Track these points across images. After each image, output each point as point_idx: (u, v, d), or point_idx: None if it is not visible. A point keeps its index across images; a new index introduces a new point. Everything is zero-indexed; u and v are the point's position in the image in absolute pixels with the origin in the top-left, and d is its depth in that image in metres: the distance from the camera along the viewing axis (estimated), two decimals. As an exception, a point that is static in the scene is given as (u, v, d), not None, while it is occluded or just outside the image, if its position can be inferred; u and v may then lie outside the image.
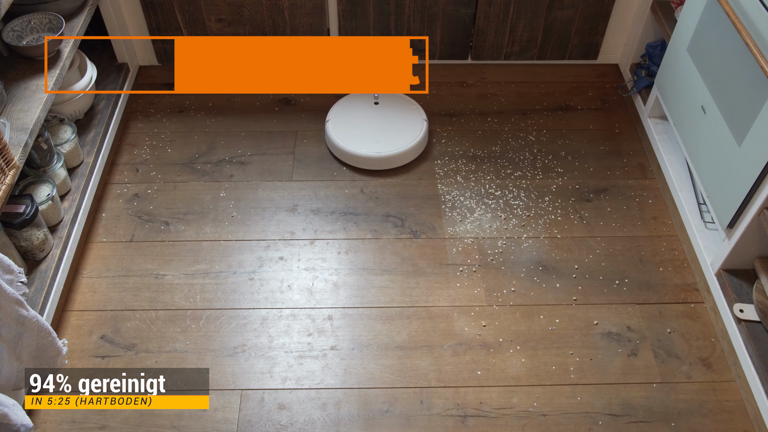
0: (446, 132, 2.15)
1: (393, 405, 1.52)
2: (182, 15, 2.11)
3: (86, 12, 1.87)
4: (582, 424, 1.49)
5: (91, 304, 1.69)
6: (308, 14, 2.11)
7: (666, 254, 1.82)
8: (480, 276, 1.76)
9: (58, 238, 1.70)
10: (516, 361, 1.59)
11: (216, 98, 2.25)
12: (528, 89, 2.29)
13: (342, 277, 1.76)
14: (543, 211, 1.91)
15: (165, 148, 2.08)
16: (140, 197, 1.94)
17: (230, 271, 1.77)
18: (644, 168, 2.04)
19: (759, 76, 1.41)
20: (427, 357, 1.60)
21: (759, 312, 1.52)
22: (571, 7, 2.12)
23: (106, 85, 2.12)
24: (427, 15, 2.12)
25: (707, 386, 1.55)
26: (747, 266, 1.62)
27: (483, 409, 1.51)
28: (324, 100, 2.24)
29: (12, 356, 1.34)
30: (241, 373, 1.57)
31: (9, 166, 1.41)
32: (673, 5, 1.98)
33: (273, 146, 2.10)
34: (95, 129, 1.99)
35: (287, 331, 1.65)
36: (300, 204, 1.93)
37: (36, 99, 1.59)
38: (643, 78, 2.12)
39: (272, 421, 1.49)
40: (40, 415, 1.49)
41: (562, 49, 2.25)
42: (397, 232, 1.86)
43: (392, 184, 1.98)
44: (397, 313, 1.68)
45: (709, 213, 1.78)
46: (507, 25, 2.16)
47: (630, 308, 1.70)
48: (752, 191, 1.45)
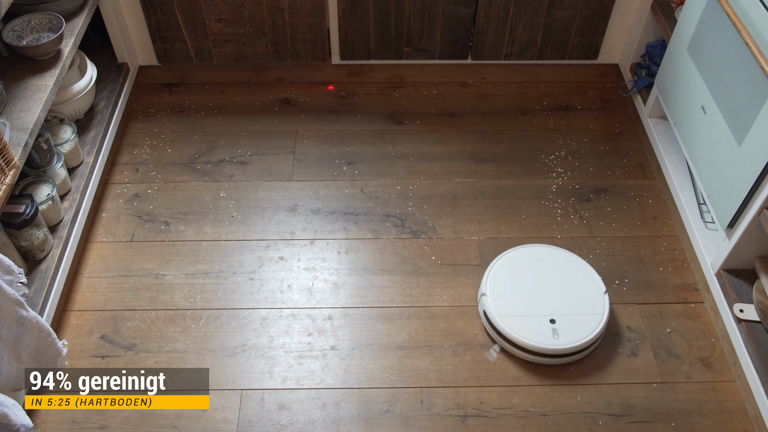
0: (446, 132, 2.15)
1: (393, 405, 1.52)
2: (182, 15, 2.11)
3: (86, 12, 1.87)
4: (582, 424, 1.49)
5: (91, 304, 1.69)
6: (308, 14, 2.11)
7: (666, 254, 1.82)
8: (480, 276, 1.76)
9: (58, 238, 1.69)
10: (516, 360, 1.59)
11: (216, 98, 2.25)
12: (528, 89, 2.29)
13: (342, 277, 1.76)
14: (543, 211, 1.91)
15: (165, 148, 2.08)
16: (140, 197, 1.94)
17: (230, 271, 1.77)
18: (644, 168, 2.04)
19: (759, 76, 1.41)
20: (427, 357, 1.60)
21: (759, 312, 1.52)
22: (571, 7, 2.12)
23: (106, 85, 2.12)
24: (427, 15, 2.12)
25: (707, 386, 1.55)
26: (747, 266, 1.62)
27: (483, 409, 1.51)
28: (324, 99, 2.25)
29: (12, 357, 1.34)
30: (241, 373, 1.57)
31: (9, 166, 1.41)
32: (673, 5, 1.98)
33: (273, 146, 2.10)
34: (95, 129, 1.99)
35: (287, 331, 1.65)
36: (300, 204, 1.93)
37: (36, 99, 1.59)
38: (643, 78, 2.12)
39: (272, 421, 1.49)
40: (40, 415, 1.49)
41: (562, 49, 2.25)
42: (397, 232, 1.86)
43: (392, 184, 1.98)
44: (397, 313, 1.68)
45: (709, 213, 1.78)
46: (507, 25, 2.16)
47: (630, 308, 1.70)
48: (752, 191, 1.45)
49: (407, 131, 2.15)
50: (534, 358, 1.55)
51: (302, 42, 2.19)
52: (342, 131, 2.15)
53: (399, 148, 2.09)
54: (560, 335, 1.53)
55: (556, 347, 1.52)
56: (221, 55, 2.22)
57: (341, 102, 2.25)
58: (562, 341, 1.53)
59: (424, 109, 2.22)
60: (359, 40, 2.20)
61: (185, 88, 2.28)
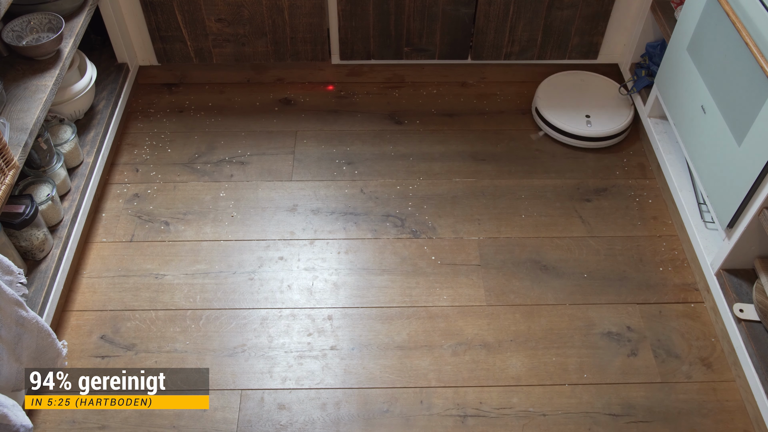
0: (446, 132, 2.15)
1: (393, 405, 1.52)
2: (182, 15, 2.11)
3: (86, 12, 1.87)
4: (582, 424, 1.49)
5: (91, 304, 1.69)
6: (308, 14, 2.11)
7: (666, 254, 1.82)
8: (480, 276, 1.76)
9: (58, 238, 1.70)
10: (516, 361, 1.59)
11: (216, 98, 2.25)
12: (528, 89, 2.29)
13: (342, 277, 1.76)
14: (543, 211, 1.91)
15: (165, 148, 2.08)
16: (140, 197, 1.94)
17: (230, 271, 1.77)
18: (644, 168, 2.04)
19: (759, 75, 1.41)
20: (427, 357, 1.60)
21: (759, 312, 1.52)
22: (571, 7, 2.12)
23: (105, 85, 2.12)
24: (427, 15, 2.12)
25: (707, 386, 1.55)
26: (747, 266, 1.62)
27: (483, 409, 1.51)
28: (324, 99, 2.25)
29: (12, 357, 1.34)
30: (241, 373, 1.57)
31: (9, 166, 1.41)
32: (673, 5, 1.98)
33: (273, 146, 2.10)
34: (95, 129, 1.99)
35: (287, 331, 1.65)
36: (300, 204, 1.93)
37: (36, 99, 1.59)
38: (643, 78, 2.12)
39: (272, 421, 1.49)
40: (40, 415, 1.49)
41: (562, 49, 2.25)
42: (397, 232, 1.86)
43: (392, 184, 1.98)
44: (397, 313, 1.68)
45: (709, 213, 1.78)
46: (507, 24, 2.15)
47: (630, 308, 1.70)
48: (752, 191, 1.45)
49: (407, 131, 2.15)
50: (571, 140, 2.07)
51: (302, 42, 2.19)
52: (342, 131, 2.15)
53: (399, 148, 2.09)
54: (592, 124, 2.05)
55: (587, 132, 2.04)
56: (221, 55, 2.22)
57: (341, 102, 2.25)
58: (593, 129, 2.05)
59: (424, 109, 2.22)
60: (359, 40, 2.20)
61: (185, 88, 2.28)
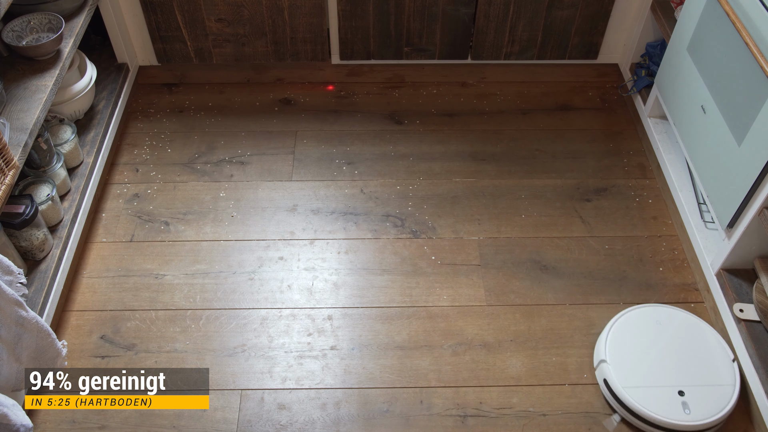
0: (446, 132, 2.15)
1: (393, 405, 1.52)
2: (182, 15, 2.11)
3: (86, 12, 1.87)
4: (582, 424, 1.49)
5: (91, 304, 1.69)
6: (308, 14, 2.11)
7: (666, 254, 1.82)
8: (480, 276, 1.76)
9: (58, 238, 1.69)
10: (516, 361, 1.59)
11: (216, 98, 2.25)
12: (528, 89, 2.29)
13: (342, 277, 1.76)
14: (543, 211, 1.91)
15: (165, 148, 2.08)
16: (140, 197, 1.94)
17: (230, 271, 1.77)
18: (644, 168, 2.04)
19: (759, 75, 1.41)
20: (427, 357, 1.60)
21: (759, 312, 1.52)
22: (570, 7, 2.12)
23: (105, 85, 2.12)
24: (427, 15, 2.12)
25: (707, 386, 1.55)
26: (747, 266, 1.62)
27: (483, 409, 1.51)
28: (324, 99, 2.25)
29: (11, 357, 1.34)
30: (241, 373, 1.57)
31: (9, 166, 1.41)
32: (673, 5, 1.98)
33: (273, 146, 2.10)
34: (95, 129, 1.99)
35: (287, 331, 1.65)
36: (300, 204, 1.93)
37: (36, 99, 1.59)
38: (643, 78, 2.12)
39: (272, 421, 1.49)
40: (40, 415, 1.49)
41: (561, 49, 2.25)
42: (397, 232, 1.86)
43: (392, 184, 1.98)
44: (397, 313, 1.68)
45: (709, 213, 1.78)
46: (507, 24, 2.15)
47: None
48: (752, 191, 1.45)
49: (407, 131, 2.15)
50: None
51: (302, 42, 2.19)
52: (342, 131, 2.15)
53: (399, 148, 2.09)
54: (691, 410, 1.42)
55: (688, 422, 1.40)
56: (221, 55, 2.22)
57: (341, 102, 2.25)
58: (694, 416, 1.41)
59: (424, 109, 2.22)
60: (359, 40, 2.20)
61: (185, 88, 2.28)
